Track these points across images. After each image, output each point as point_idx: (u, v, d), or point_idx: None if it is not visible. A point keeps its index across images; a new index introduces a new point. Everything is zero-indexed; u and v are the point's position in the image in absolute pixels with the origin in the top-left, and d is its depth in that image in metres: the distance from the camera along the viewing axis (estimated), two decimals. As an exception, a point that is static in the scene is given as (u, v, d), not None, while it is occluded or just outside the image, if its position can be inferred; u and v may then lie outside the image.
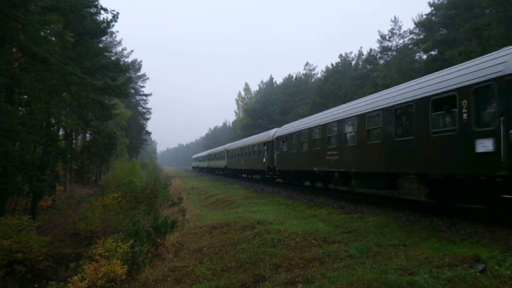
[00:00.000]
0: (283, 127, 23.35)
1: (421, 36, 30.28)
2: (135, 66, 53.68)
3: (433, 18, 28.81)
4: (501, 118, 7.25)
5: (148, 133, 61.98)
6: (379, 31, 35.25)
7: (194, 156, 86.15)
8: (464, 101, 8.17)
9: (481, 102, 7.95)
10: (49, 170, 19.43)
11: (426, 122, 9.40)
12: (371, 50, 38.43)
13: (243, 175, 36.15)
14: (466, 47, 21.18)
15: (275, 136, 22.79)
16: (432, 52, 27.79)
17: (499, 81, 7.39)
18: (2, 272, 11.82)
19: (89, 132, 28.34)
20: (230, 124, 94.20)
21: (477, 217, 8.67)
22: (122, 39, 76.43)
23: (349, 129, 13.56)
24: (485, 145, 7.61)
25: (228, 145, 41.97)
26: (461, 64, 9.33)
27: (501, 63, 7.53)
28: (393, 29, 34.31)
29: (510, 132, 7.03)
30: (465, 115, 8.14)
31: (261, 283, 6.62)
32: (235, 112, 74.70)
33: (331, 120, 15.02)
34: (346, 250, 7.19)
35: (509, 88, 7.16)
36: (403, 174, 10.76)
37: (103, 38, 29.83)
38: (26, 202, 20.47)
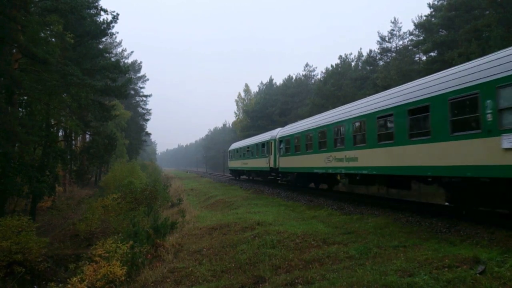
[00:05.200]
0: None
1: (421, 38, 30.32)
2: (135, 67, 53.68)
3: (433, 19, 28.84)
4: None
5: (148, 134, 61.92)
6: (378, 32, 35.37)
7: (238, 144, 35.17)
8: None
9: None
10: (49, 171, 19.40)
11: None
12: (370, 51, 38.46)
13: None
14: (465, 48, 21.20)
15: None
16: (432, 54, 27.84)
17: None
18: (1, 273, 11.79)
19: (89, 133, 28.32)
20: (230, 125, 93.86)
21: (477, 218, 8.67)
22: (122, 40, 76.65)
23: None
24: None
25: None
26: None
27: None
28: (392, 30, 34.37)
29: None
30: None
31: (260, 284, 6.61)
32: (235, 113, 74.35)
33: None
34: (346, 251, 7.18)
35: None
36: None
37: (103, 39, 29.79)
38: (26, 203, 20.44)
